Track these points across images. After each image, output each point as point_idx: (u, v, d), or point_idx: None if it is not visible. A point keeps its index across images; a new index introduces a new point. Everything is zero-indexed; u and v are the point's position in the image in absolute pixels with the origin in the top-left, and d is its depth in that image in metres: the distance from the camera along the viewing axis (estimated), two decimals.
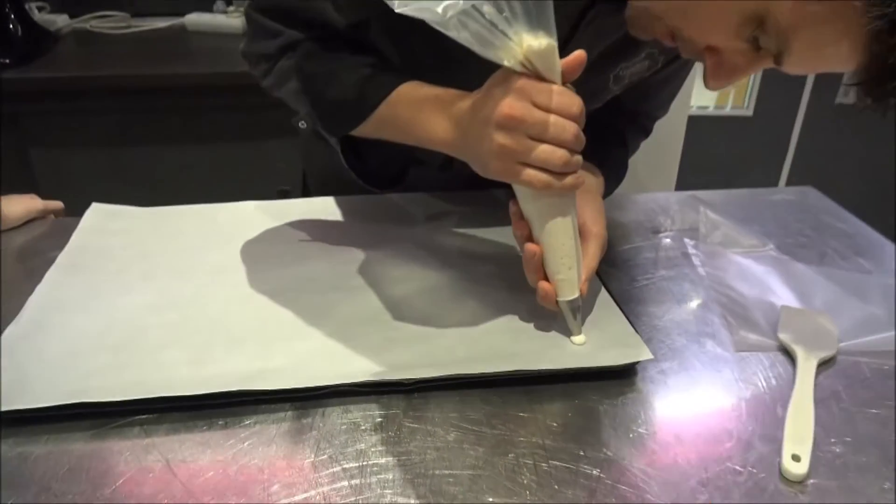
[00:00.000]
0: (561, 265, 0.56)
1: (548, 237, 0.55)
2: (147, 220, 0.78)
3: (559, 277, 0.57)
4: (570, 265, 0.56)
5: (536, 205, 0.55)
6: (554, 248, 0.56)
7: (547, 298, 0.57)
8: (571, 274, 0.57)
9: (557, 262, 0.56)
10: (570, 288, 0.57)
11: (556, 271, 0.57)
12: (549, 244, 0.56)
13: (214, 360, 0.55)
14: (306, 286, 0.66)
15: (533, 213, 0.56)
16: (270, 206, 0.81)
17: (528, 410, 0.53)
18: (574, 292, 0.57)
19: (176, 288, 0.65)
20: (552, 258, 0.56)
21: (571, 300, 0.57)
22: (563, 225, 0.55)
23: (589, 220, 0.61)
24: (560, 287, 0.57)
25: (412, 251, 0.73)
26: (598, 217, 0.62)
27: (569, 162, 0.51)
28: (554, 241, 0.56)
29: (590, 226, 0.60)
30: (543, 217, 0.55)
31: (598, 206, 0.63)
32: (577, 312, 0.58)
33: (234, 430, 0.50)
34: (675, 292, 0.69)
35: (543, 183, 0.51)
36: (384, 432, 0.50)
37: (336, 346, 0.57)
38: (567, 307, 0.58)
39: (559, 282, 0.57)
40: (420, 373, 0.54)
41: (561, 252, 0.56)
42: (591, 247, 0.60)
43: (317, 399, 0.53)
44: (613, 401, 0.54)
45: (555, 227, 0.55)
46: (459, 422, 0.51)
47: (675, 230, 0.81)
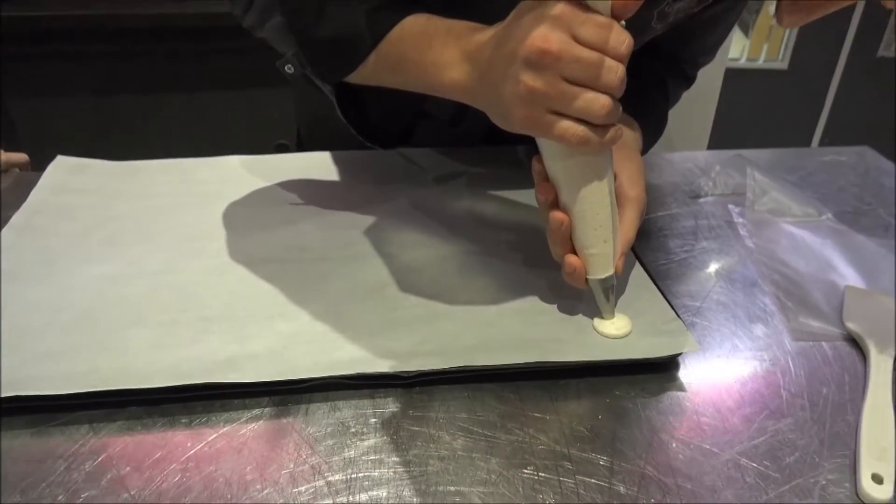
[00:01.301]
0: (594, 237, 0.47)
1: (579, 203, 0.46)
2: (117, 177, 0.69)
3: (591, 252, 0.48)
4: (604, 237, 0.47)
5: (567, 164, 0.45)
6: (586, 216, 0.47)
7: (575, 276, 0.48)
8: (606, 248, 0.48)
9: (590, 233, 0.47)
10: (603, 264, 0.48)
11: (588, 244, 0.48)
12: (581, 212, 0.47)
13: (182, 344, 0.47)
14: (293, 256, 0.57)
15: (561, 175, 0.46)
16: (258, 162, 0.72)
17: (550, 411, 0.44)
18: (608, 269, 0.48)
19: (144, 256, 0.57)
20: (583, 229, 0.47)
21: (604, 278, 0.48)
22: (598, 189, 0.46)
23: (626, 182, 0.51)
24: (591, 263, 0.48)
25: (417, 217, 0.64)
26: (637, 178, 0.52)
27: (611, 112, 0.41)
28: (586, 208, 0.46)
29: (627, 189, 0.51)
30: (574, 179, 0.46)
31: (637, 164, 0.54)
32: (610, 293, 0.49)
33: (198, 430, 0.42)
34: (718, 268, 0.60)
35: (580, 138, 0.42)
36: (378, 436, 0.42)
37: (324, 330, 0.49)
38: (599, 287, 0.49)
39: (590, 256, 0.48)
40: (422, 363, 0.45)
41: (594, 221, 0.47)
42: (628, 214, 0.51)
43: (299, 394, 0.45)
44: (652, 400, 0.45)
45: (588, 191, 0.46)
46: (468, 424, 0.43)
47: (716, 195, 0.71)
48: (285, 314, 0.50)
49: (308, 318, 0.50)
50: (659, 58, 0.66)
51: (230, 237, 0.60)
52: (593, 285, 0.49)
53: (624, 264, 0.50)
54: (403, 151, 0.74)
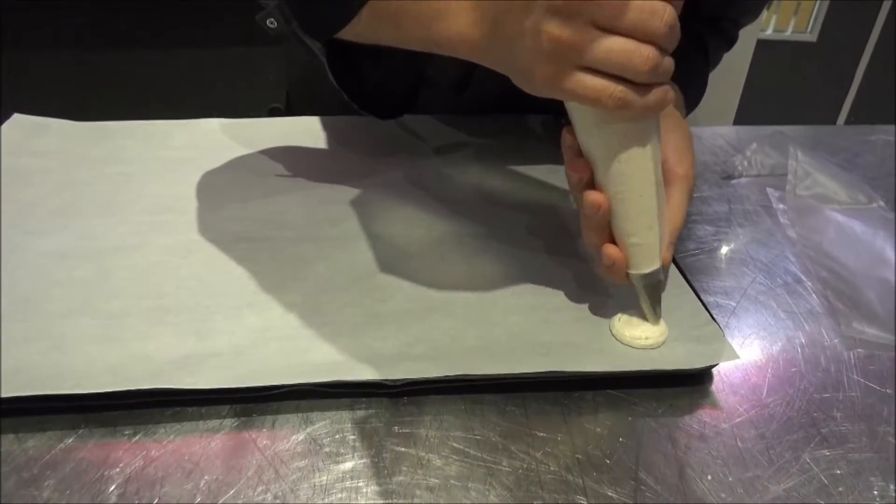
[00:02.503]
0: (637, 223, 0.39)
1: (619, 183, 0.38)
2: (81, 139, 0.62)
3: (633, 241, 0.40)
4: (649, 223, 0.39)
5: (604, 134, 0.37)
6: (628, 198, 0.39)
7: (615, 269, 0.41)
8: (651, 236, 0.40)
9: (632, 218, 0.39)
10: (648, 256, 0.40)
11: (630, 232, 0.40)
12: (621, 193, 0.39)
13: (132, 338, 0.40)
14: (271, 234, 0.50)
15: (598, 148, 0.38)
16: (239, 126, 0.64)
17: (561, 430, 0.37)
18: (654, 262, 0.41)
19: (100, 230, 0.50)
20: (625, 213, 0.39)
21: (650, 273, 0.41)
22: (643, 165, 0.38)
23: (672, 156, 0.43)
24: (634, 254, 0.40)
25: (415, 193, 0.56)
26: (685, 151, 0.44)
27: (658, 66, 0.33)
28: (628, 188, 0.38)
29: (673, 164, 0.43)
30: (614, 153, 0.38)
31: (684, 134, 0.45)
32: (656, 290, 0.41)
33: (143, 444, 0.35)
34: (756, 260, 0.52)
35: (618, 99, 0.34)
36: (357, 458, 0.35)
37: (299, 325, 0.42)
38: (642, 283, 0.41)
39: (633, 247, 0.40)
40: (411, 370, 0.38)
41: (638, 205, 0.39)
42: (676, 195, 0.43)
43: (266, 402, 0.38)
44: (681, 420, 0.38)
45: (630, 167, 0.38)
46: (464, 445, 0.36)
47: (752, 176, 0.63)
48: (256, 304, 0.43)
49: (281, 311, 0.43)
50: (699, 18, 0.58)
51: (201, 211, 0.52)
52: (636, 282, 0.41)
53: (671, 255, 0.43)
54: (402, 119, 0.66)
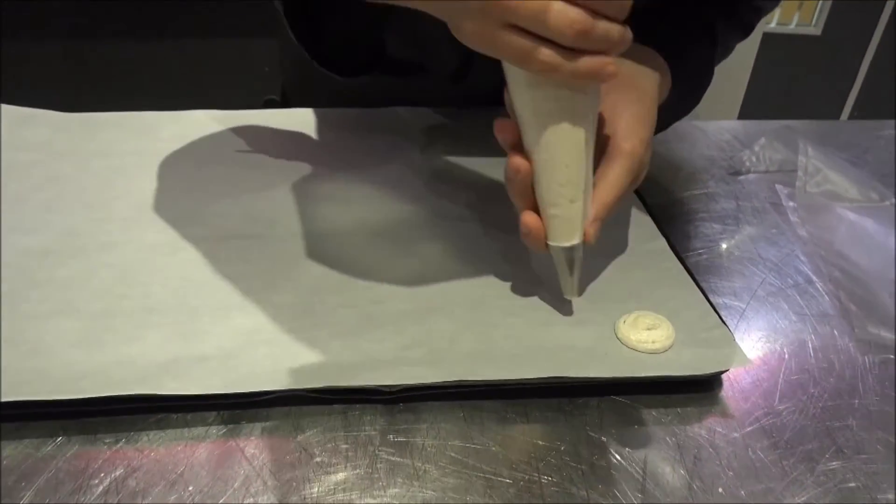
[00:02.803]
0: (558, 194, 0.38)
1: (543, 149, 0.37)
2: (68, 131, 0.60)
3: (553, 212, 0.39)
4: (571, 195, 0.38)
5: (533, 96, 0.36)
6: (550, 166, 0.37)
7: (532, 238, 0.40)
8: (572, 210, 0.38)
9: (553, 188, 0.38)
10: (566, 229, 0.39)
11: (551, 202, 0.38)
12: (545, 161, 0.37)
13: (114, 340, 0.38)
14: (261, 231, 0.48)
15: (525, 110, 0.37)
16: (229, 118, 0.62)
17: (565, 439, 0.36)
18: (572, 237, 0.39)
19: (84, 226, 0.48)
20: (547, 182, 0.38)
21: (567, 247, 0.39)
22: (570, 134, 0.36)
23: (622, 130, 0.41)
24: (552, 226, 0.39)
25: (413, 188, 0.54)
26: (638, 126, 0.42)
27: (589, 31, 0.32)
28: (552, 156, 0.37)
29: (620, 138, 0.41)
30: (540, 117, 0.36)
31: (644, 111, 0.43)
32: (573, 265, 0.40)
33: (124, 452, 0.34)
34: (765, 259, 0.51)
35: (542, 62, 0.33)
36: (350, 468, 0.34)
37: (290, 327, 0.40)
38: (561, 256, 0.40)
39: (552, 218, 0.39)
40: (408, 376, 0.36)
41: (560, 174, 0.37)
42: (613, 170, 0.40)
43: (255, 408, 0.36)
44: (690, 428, 0.37)
45: (555, 134, 0.36)
46: (463, 456, 0.34)
47: (760, 171, 0.62)
48: (245, 306, 0.41)
49: (272, 312, 0.41)
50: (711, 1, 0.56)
51: (189, 206, 0.50)
52: (554, 253, 0.40)
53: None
54: (399, 110, 0.64)
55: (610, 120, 0.42)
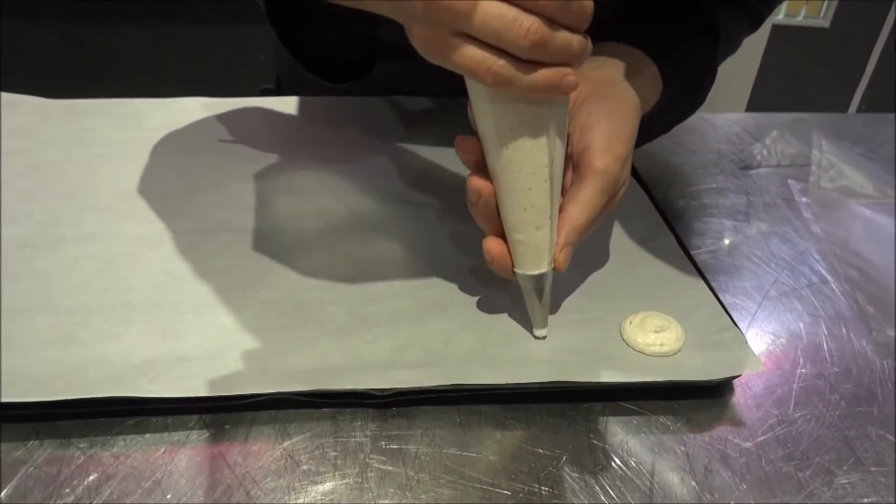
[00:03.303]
0: (522, 220, 0.35)
1: (505, 170, 0.34)
2: (54, 117, 0.57)
3: (518, 238, 0.36)
4: (537, 222, 0.35)
5: (493, 112, 0.33)
6: (514, 190, 0.34)
7: (496, 265, 0.37)
8: (538, 236, 0.35)
9: (517, 213, 0.35)
10: (533, 256, 0.36)
11: (515, 227, 0.35)
12: (507, 183, 0.34)
13: (91, 338, 0.36)
14: (250, 225, 0.46)
15: (487, 127, 0.34)
16: (221, 106, 0.60)
17: (567, 448, 0.34)
18: (540, 264, 0.36)
19: (66, 217, 0.46)
20: (510, 206, 0.35)
21: (534, 276, 0.36)
22: (533, 153, 0.33)
23: (596, 147, 0.37)
24: (518, 253, 0.36)
25: (410, 178, 0.52)
26: (614, 142, 0.38)
27: (546, 42, 0.29)
28: (514, 178, 0.34)
29: (593, 156, 0.37)
30: (502, 136, 0.33)
31: (622, 123, 0.39)
32: (542, 294, 0.37)
33: (98, 458, 0.32)
34: (778, 258, 0.48)
35: (495, 74, 0.30)
36: (339, 478, 0.32)
37: (278, 325, 0.38)
38: (529, 284, 0.37)
39: (517, 244, 0.36)
40: (402, 379, 0.34)
41: (524, 198, 0.34)
42: (584, 191, 0.37)
43: (239, 412, 0.34)
44: (700, 438, 0.35)
45: (518, 154, 0.33)
46: (459, 465, 0.32)
47: (771, 166, 0.59)
48: (231, 302, 0.39)
49: (259, 309, 0.39)
50: None
51: (176, 197, 0.48)
52: (521, 281, 0.37)
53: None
54: (395, 99, 0.62)
55: (582, 135, 0.38)
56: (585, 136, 0.38)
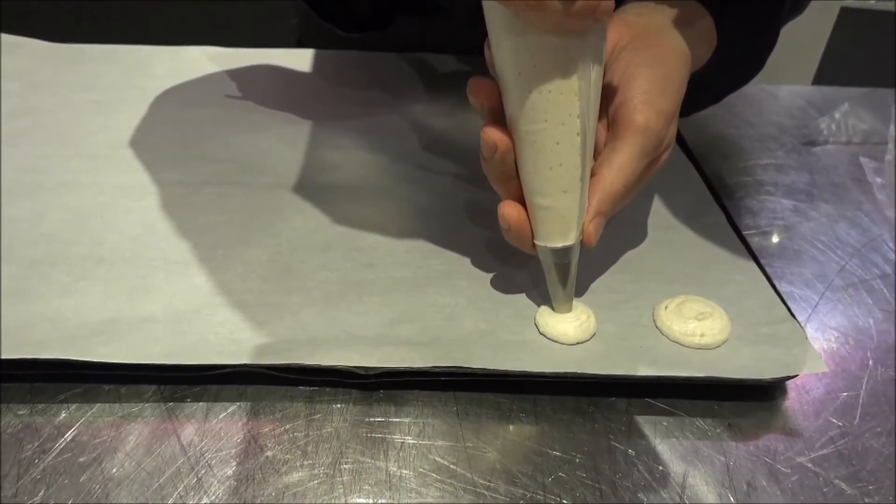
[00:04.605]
0: (547, 181, 0.29)
1: (529, 120, 0.28)
2: (52, 61, 0.54)
3: (540, 202, 0.30)
4: (564, 184, 0.29)
5: (514, 46, 0.27)
6: (538, 144, 0.28)
7: (513, 235, 0.31)
8: (565, 201, 0.29)
9: (542, 173, 0.29)
10: (559, 226, 0.30)
11: (539, 190, 0.29)
12: (531, 135, 0.28)
13: (49, 291, 0.32)
14: (243, 179, 0.42)
15: (506, 65, 0.27)
16: (230, 57, 0.56)
17: (582, 449, 0.28)
18: (566, 236, 0.30)
19: (47, 164, 0.42)
20: (533, 164, 0.29)
21: (559, 249, 0.30)
22: (562, 100, 0.27)
23: (637, 100, 0.31)
24: (541, 220, 0.30)
25: (422, 137, 0.47)
26: (656, 95, 0.32)
27: None
28: (539, 129, 0.28)
29: (632, 110, 0.31)
30: (524, 75, 0.27)
31: (665, 76, 0.33)
32: (567, 273, 0.31)
33: (37, 428, 0.28)
34: (844, 244, 0.42)
35: None
36: (307, 467, 0.27)
37: (259, 290, 0.33)
38: (550, 259, 0.31)
39: (540, 210, 0.30)
40: (392, 357, 0.29)
41: (549, 155, 0.28)
42: (622, 152, 0.31)
43: (201, 384, 0.30)
44: (745, 448, 0.29)
45: (543, 100, 0.27)
46: (451, 461, 0.27)
47: (840, 142, 0.52)
48: (211, 262, 0.35)
49: (241, 271, 0.34)
50: None
51: (169, 148, 0.44)
52: (542, 256, 0.31)
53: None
54: (418, 56, 0.57)
55: (621, 86, 0.32)
56: (624, 89, 0.32)
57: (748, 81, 0.46)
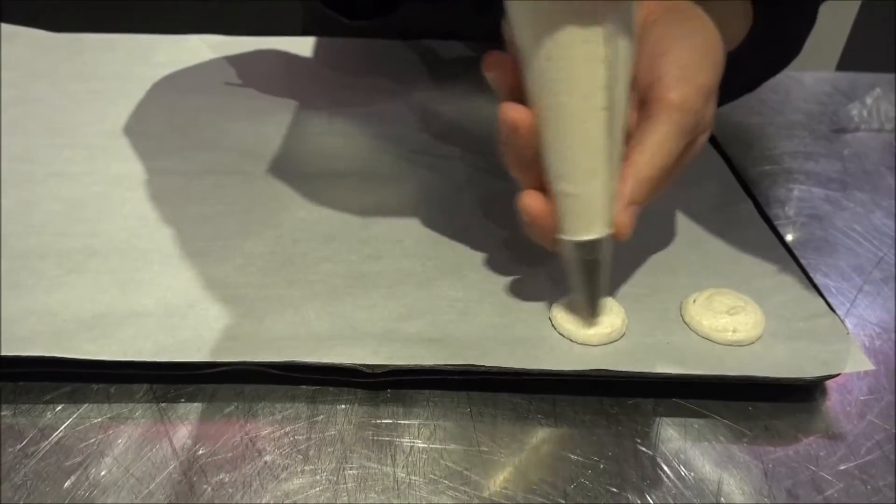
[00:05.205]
0: (573, 164, 0.26)
1: (550, 94, 0.25)
2: (52, 51, 0.52)
3: (565, 188, 0.26)
4: (591, 167, 0.26)
5: (534, 14, 0.24)
6: (559, 120, 0.25)
7: (536, 227, 0.28)
8: (592, 186, 0.26)
9: (565, 155, 0.26)
10: (585, 216, 0.27)
11: (562, 173, 0.26)
12: (553, 111, 0.25)
13: (37, 285, 0.30)
14: (245, 167, 0.40)
15: (526, 35, 0.25)
16: (233, 45, 0.54)
17: (606, 454, 0.26)
18: (593, 227, 0.27)
19: (41, 153, 0.40)
20: (557, 145, 0.26)
21: (586, 243, 0.27)
22: (587, 68, 0.24)
23: (671, 75, 0.28)
24: (566, 209, 0.27)
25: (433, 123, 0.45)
26: (694, 70, 0.29)
27: None
28: (561, 104, 0.25)
29: (665, 87, 0.28)
30: (546, 46, 0.24)
31: (703, 49, 0.30)
32: (595, 271, 0.28)
33: (20, 429, 0.26)
34: (882, 234, 0.39)
35: None
36: (309, 474, 0.25)
37: (258, 283, 0.31)
38: (576, 255, 0.28)
39: (565, 197, 0.27)
40: (400, 355, 0.27)
41: (577, 136, 0.25)
42: (655, 132, 0.28)
43: (196, 384, 0.28)
44: (785, 454, 0.26)
45: (568, 73, 0.24)
46: (464, 466, 0.25)
47: (872, 129, 0.50)
48: (209, 253, 0.33)
49: (240, 263, 0.32)
50: None
51: (167, 137, 0.42)
52: (567, 252, 0.28)
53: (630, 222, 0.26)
54: (425, 43, 0.55)
55: (652, 62, 0.29)
56: (656, 64, 0.29)
57: (785, 66, 0.43)
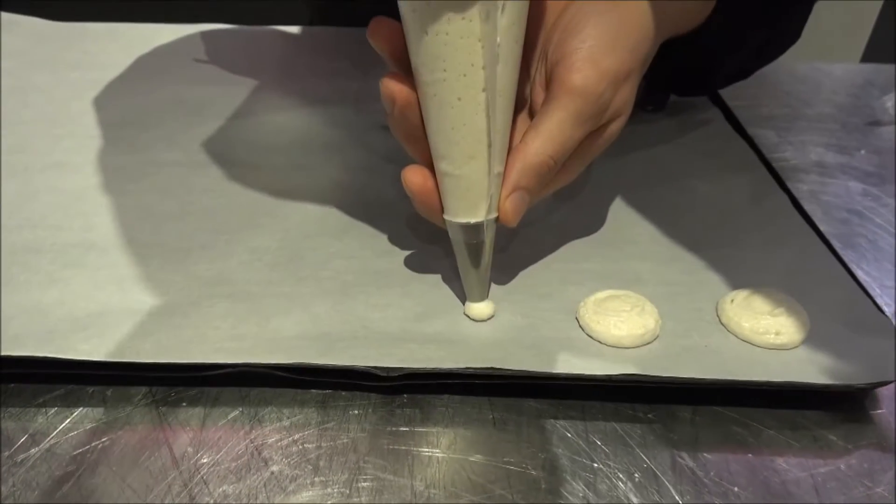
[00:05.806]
0: (450, 143, 0.25)
1: (429, 69, 0.24)
2: (52, 40, 0.51)
3: (446, 168, 0.25)
4: (469, 149, 0.25)
5: None
6: (437, 97, 0.24)
7: (418, 203, 0.27)
8: (472, 169, 0.25)
9: (444, 134, 0.25)
10: (465, 198, 0.26)
11: (441, 153, 0.25)
12: (430, 86, 0.24)
13: (30, 281, 0.29)
14: (252, 160, 0.38)
15: (407, 12, 0.23)
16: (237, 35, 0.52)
17: (644, 466, 0.24)
18: (473, 211, 0.26)
19: (38, 143, 0.39)
20: (436, 122, 0.25)
21: (468, 225, 0.26)
22: (462, 44, 0.23)
23: (576, 57, 0.26)
24: (446, 190, 0.26)
25: None
26: (602, 52, 0.26)
27: None
28: (438, 80, 0.24)
29: (567, 69, 0.26)
30: (420, 13, 0.23)
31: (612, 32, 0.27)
32: (477, 253, 0.27)
33: (11, 435, 0.24)
34: None
35: None
36: (319, 486, 0.23)
37: (265, 280, 0.29)
38: (460, 237, 0.27)
39: (446, 179, 0.26)
40: (418, 356, 0.25)
41: (451, 112, 0.24)
42: (550, 117, 0.26)
43: (198, 387, 0.26)
44: (831, 464, 0.24)
45: (439, 42, 0.23)
46: (487, 478, 0.23)
47: None
48: (213, 248, 0.31)
49: (246, 258, 0.30)
50: None
51: (171, 127, 0.41)
52: (451, 232, 0.27)
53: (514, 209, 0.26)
54: None
55: (561, 41, 0.27)
56: (564, 43, 0.27)
57: (781, 53, 0.40)
